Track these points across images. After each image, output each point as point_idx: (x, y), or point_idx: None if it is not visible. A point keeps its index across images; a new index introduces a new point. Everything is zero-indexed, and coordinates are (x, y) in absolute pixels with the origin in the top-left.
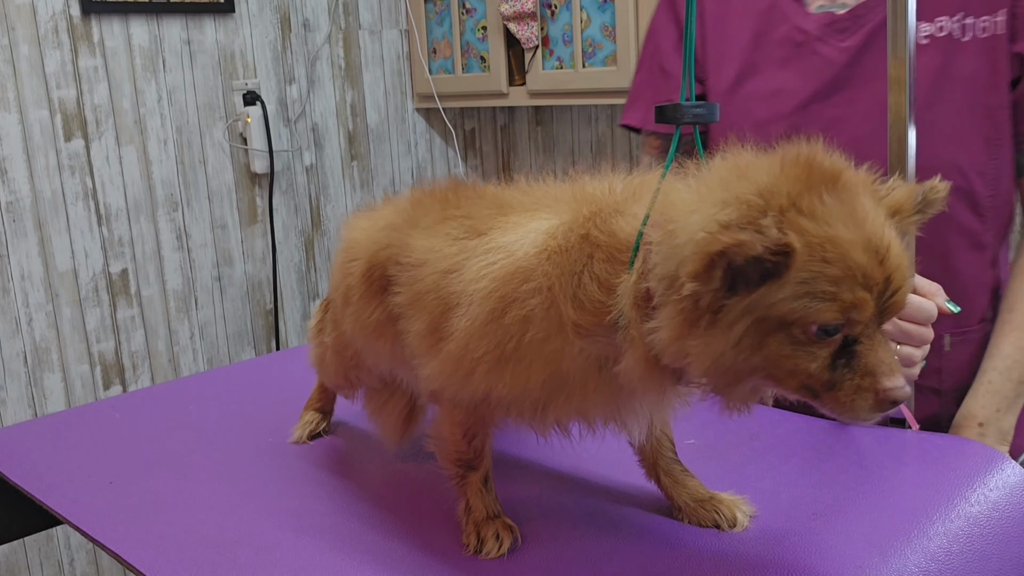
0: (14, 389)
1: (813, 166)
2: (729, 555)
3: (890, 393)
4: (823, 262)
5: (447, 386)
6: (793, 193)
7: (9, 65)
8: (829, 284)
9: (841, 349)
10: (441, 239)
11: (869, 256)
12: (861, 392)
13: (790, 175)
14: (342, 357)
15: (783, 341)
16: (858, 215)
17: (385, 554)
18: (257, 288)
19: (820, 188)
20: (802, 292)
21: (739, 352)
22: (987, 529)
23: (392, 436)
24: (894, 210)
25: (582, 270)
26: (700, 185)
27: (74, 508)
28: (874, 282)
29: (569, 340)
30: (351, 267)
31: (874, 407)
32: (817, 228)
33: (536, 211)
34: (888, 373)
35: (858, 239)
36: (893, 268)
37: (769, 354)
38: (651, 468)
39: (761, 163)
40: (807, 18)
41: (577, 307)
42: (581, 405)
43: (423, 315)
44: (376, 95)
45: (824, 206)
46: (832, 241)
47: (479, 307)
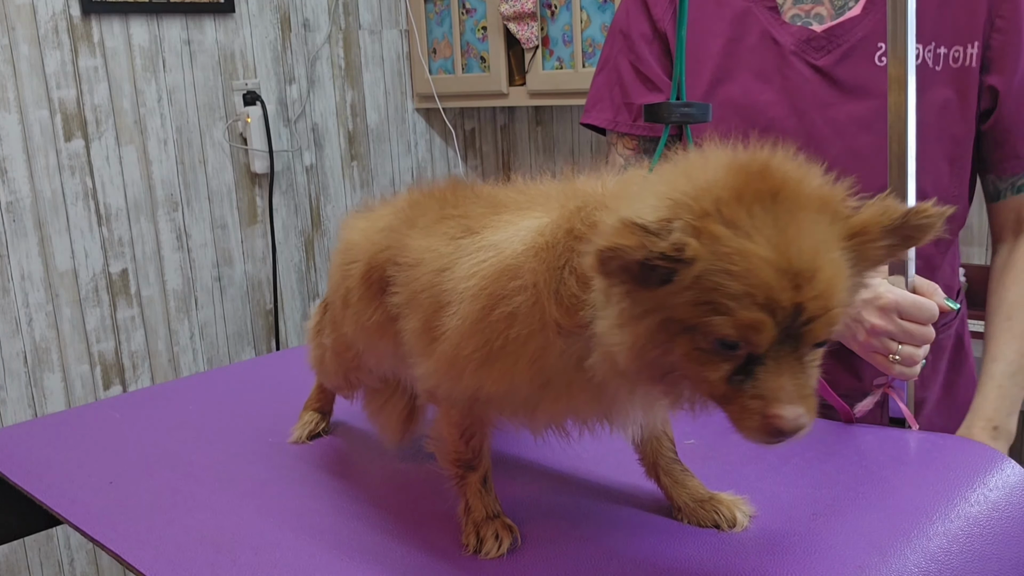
0: (14, 389)
1: (759, 175)
2: (729, 555)
3: (776, 421)
4: (727, 274)
5: (441, 385)
6: (722, 199)
7: (9, 65)
8: (728, 298)
9: (743, 365)
10: (437, 238)
11: (781, 278)
12: (748, 413)
13: (728, 180)
14: (342, 358)
15: (688, 344)
16: (788, 233)
17: (385, 554)
18: (257, 288)
19: (754, 198)
20: (701, 300)
21: (654, 347)
22: (987, 529)
23: (392, 436)
24: (854, 232)
25: (564, 265)
26: (653, 179)
27: (74, 508)
28: (778, 306)
29: (552, 338)
30: (350, 269)
31: (760, 431)
32: (731, 238)
33: (529, 209)
34: (781, 401)
35: (773, 257)
36: (810, 296)
37: (680, 355)
38: (651, 467)
39: (712, 163)
40: (782, 28)
41: (559, 304)
42: (569, 404)
43: (418, 314)
44: (376, 95)
45: (751, 218)
46: (742, 255)
47: (469, 305)
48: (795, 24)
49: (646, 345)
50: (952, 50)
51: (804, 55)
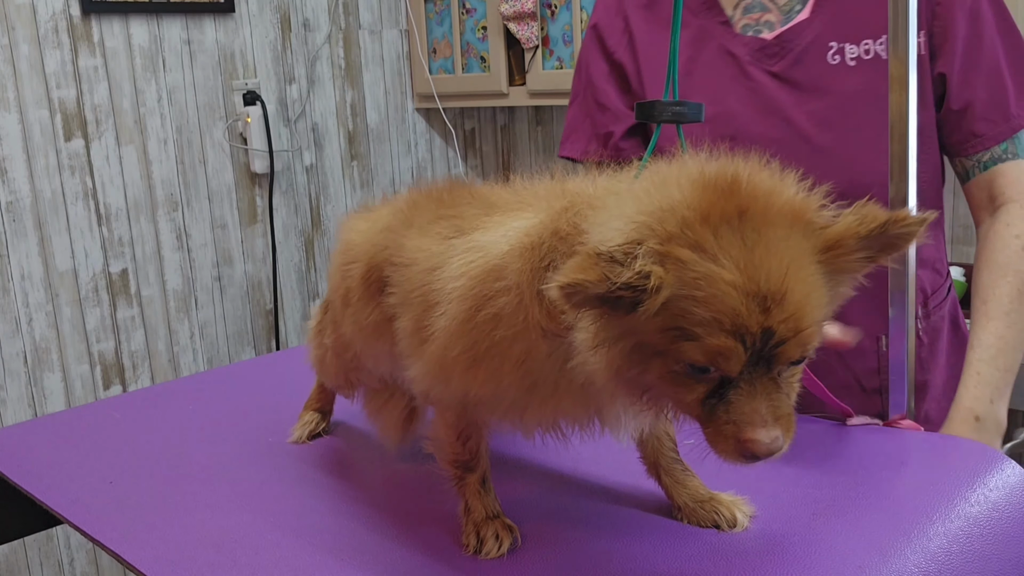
0: (14, 389)
1: (727, 191)
2: (729, 555)
3: (749, 445)
4: (692, 300)
5: (432, 387)
6: (688, 219)
7: (9, 65)
8: (695, 325)
9: (716, 388)
10: (431, 238)
11: (749, 303)
12: (722, 437)
13: (694, 199)
14: (342, 359)
15: (662, 367)
16: (756, 254)
17: (385, 554)
18: (257, 288)
19: (720, 218)
20: (670, 325)
21: (630, 368)
22: (987, 529)
23: (391, 437)
24: (830, 245)
25: (547, 266)
26: (626, 195)
27: (74, 508)
28: (747, 331)
29: (537, 340)
30: (350, 269)
31: (735, 453)
32: (697, 262)
33: (519, 210)
34: (756, 425)
35: (740, 281)
36: (779, 319)
37: (655, 376)
38: (652, 467)
39: (682, 178)
40: (735, 40)
41: (541, 305)
42: (557, 407)
43: (410, 314)
44: (376, 95)
45: (717, 240)
46: (708, 279)
47: (456, 306)
48: (746, 34)
49: (622, 366)
50: None
51: (759, 63)
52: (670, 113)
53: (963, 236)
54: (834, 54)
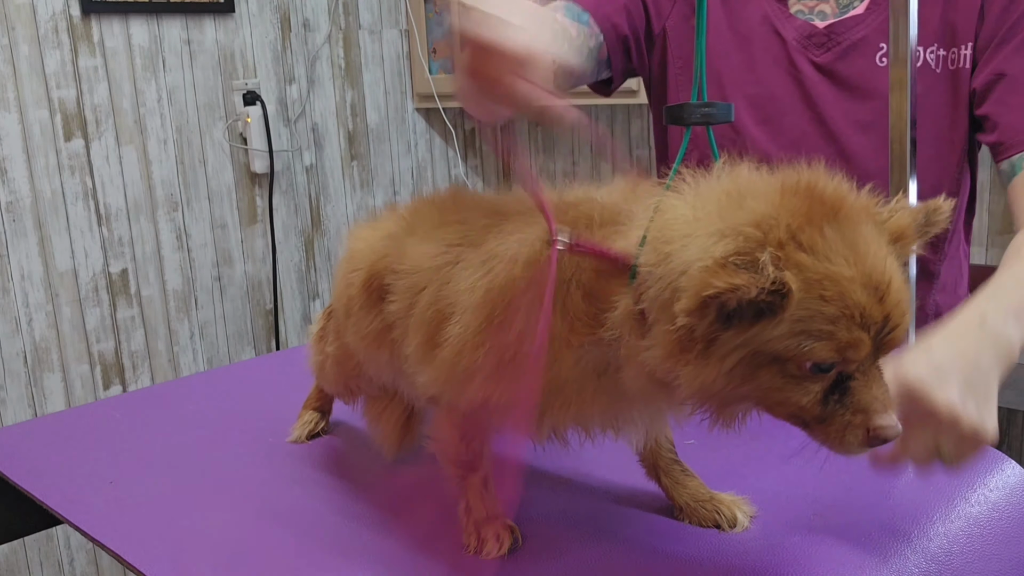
0: (14, 389)
1: (814, 195)
2: (730, 555)
3: (881, 431)
4: (821, 300)
5: (444, 392)
6: (793, 226)
7: (9, 65)
8: (826, 323)
9: (834, 384)
10: (436, 245)
11: (868, 294)
12: (852, 428)
13: (790, 205)
14: (343, 367)
15: (775, 374)
16: (859, 249)
17: (385, 554)
18: (257, 288)
19: (821, 220)
20: (798, 330)
21: (729, 381)
22: (987, 530)
23: (390, 443)
24: (896, 236)
25: (569, 279)
26: (697, 206)
27: (74, 508)
28: (872, 321)
29: (562, 350)
30: (353, 277)
31: (864, 443)
32: (816, 264)
33: (531, 218)
34: (880, 411)
35: (858, 276)
36: (892, 305)
37: (760, 385)
38: (651, 468)
39: (760, 188)
40: (787, 22)
41: (565, 318)
42: (579, 412)
43: (419, 323)
44: (376, 95)
45: (824, 240)
46: (831, 279)
47: (473, 316)
48: (799, 18)
49: (723, 379)
50: (950, 52)
51: (805, 51)
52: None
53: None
54: (883, 56)
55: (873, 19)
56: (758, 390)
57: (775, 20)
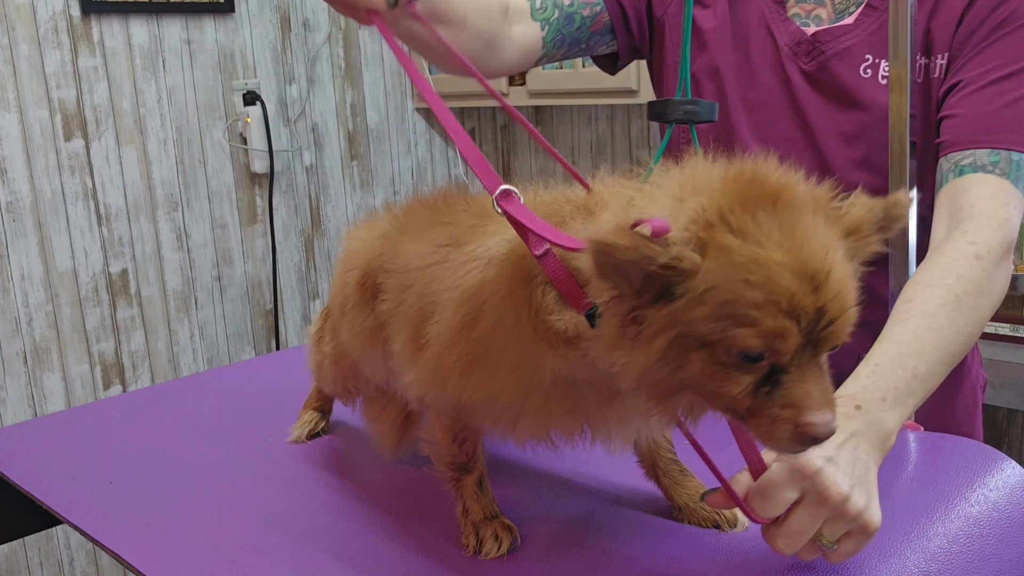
0: (14, 389)
1: (755, 182)
2: (729, 555)
3: (811, 428)
4: (745, 284)
5: (427, 392)
6: (725, 208)
7: (9, 65)
8: (750, 308)
9: (767, 376)
10: (425, 245)
11: (800, 282)
12: (780, 423)
13: (728, 189)
14: (340, 367)
15: (706, 360)
16: (796, 236)
17: (385, 554)
18: (257, 288)
19: (756, 205)
20: (722, 313)
21: (664, 366)
22: (987, 529)
23: (388, 443)
24: (851, 230)
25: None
26: (654, 197)
27: (74, 508)
28: (802, 311)
29: (532, 349)
30: (348, 276)
31: (793, 440)
32: (743, 247)
33: None
34: (812, 407)
35: (789, 262)
36: (829, 297)
37: (693, 372)
38: (650, 469)
39: (707, 177)
40: (781, 25)
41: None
42: (548, 417)
43: (405, 321)
44: (376, 95)
45: (757, 224)
46: (757, 262)
47: (451, 314)
48: (794, 23)
49: (654, 365)
50: (931, 60)
51: (795, 58)
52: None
53: None
54: (867, 67)
55: (861, 30)
56: (693, 378)
57: (771, 23)
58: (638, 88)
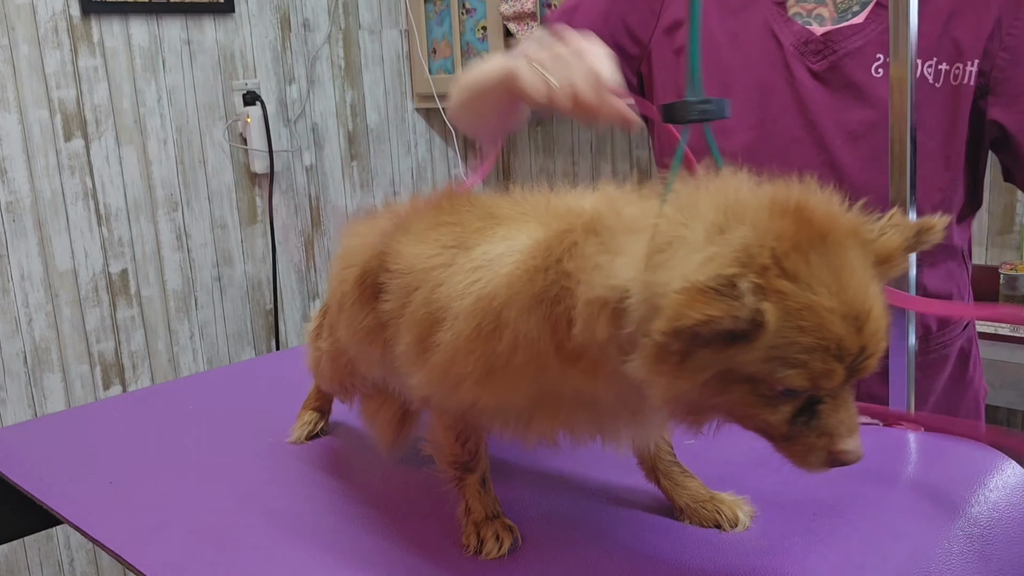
0: (14, 389)
1: (803, 217)
2: (730, 555)
3: (842, 456)
4: (799, 330)
5: (434, 394)
6: (778, 251)
7: (9, 65)
8: (802, 352)
9: (803, 406)
10: (430, 246)
11: (847, 325)
12: (815, 450)
13: (778, 227)
14: (337, 364)
15: (747, 392)
16: (843, 277)
17: (385, 554)
18: (257, 288)
19: (807, 246)
20: (773, 356)
21: (702, 393)
22: (987, 530)
23: (385, 441)
24: (884, 258)
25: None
26: (685, 220)
27: (74, 508)
28: (848, 352)
29: (549, 361)
30: (346, 273)
31: (824, 464)
32: (797, 293)
33: (524, 222)
34: (844, 435)
35: (838, 307)
36: (869, 335)
37: (731, 400)
38: (650, 471)
39: (750, 206)
40: (784, 25)
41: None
42: (564, 421)
43: (411, 324)
44: (376, 95)
45: (808, 267)
46: (811, 309)
47: (464, 323)
48: (797, 22)
49: (692, 391)
50: (953, 67)
51: (802, 58)
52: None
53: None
54: (879, 67)
55: (872, 29)
56: (729, 403)
57: (774, 24)
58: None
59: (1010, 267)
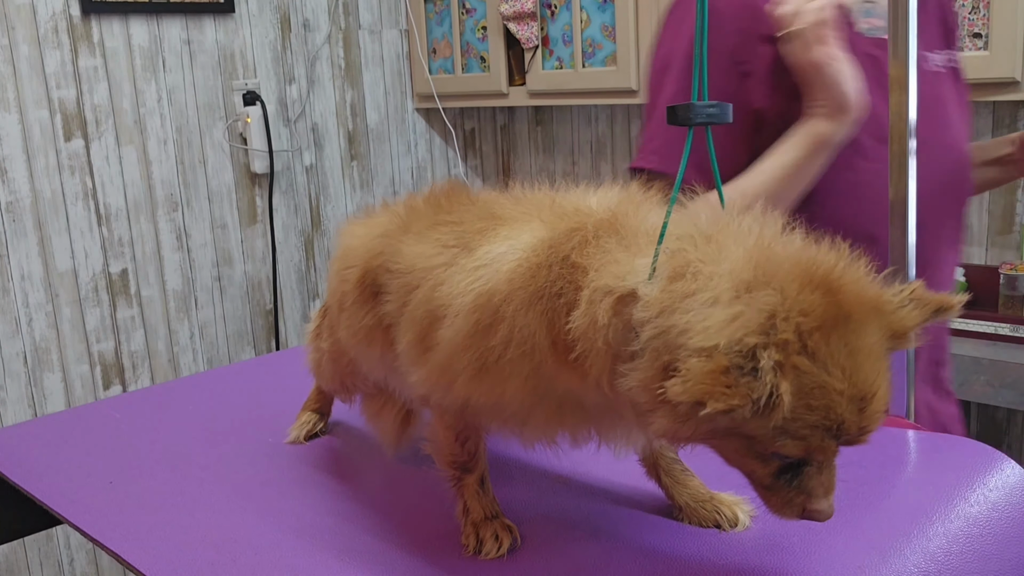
0: (14, 389)
1: (831, 294)
2: (730, 555)
3: (815, 514)
4: (807, 408)
5: (433, 393)
6: (803, 327)
7: (9, 65)
8: (804, 428)
9: (790, 465)
10: (430, 245)
11: (852, 407)
12: (792, 504)
13: (807, 302)
14: (338, 364)
15: (743, 445)
16: (858, 359)
17: (384, 554)
18: (257, 288)
19: (831, 326)
20: (776, 427)
21: (699, 437)
22: (987, 529)
23: (389, 440)
24: (898, 333)
25: (558, 294)
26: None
27: (74, 508)
28: (846, 432)
29: (545, 361)
30: (347, 274)
31: (797, 516)
32: (813, 372)
33: (525, 223)
34: (821, 496)
35: (848, 389)
36: (870, 416)
37: (726, 446)
38: (651, 468)
39: (782, 267)
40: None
41: (551, 334)
42: (560, 422)
43: (411, 322)
44: (376, 95)
45: (828, 347)
46: (823, 389)
47: (463, 320)
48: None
49: (692, 436)
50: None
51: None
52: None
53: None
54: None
55: None
56: (722, 448)
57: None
58: (638, 88)
59: (1010, 267)
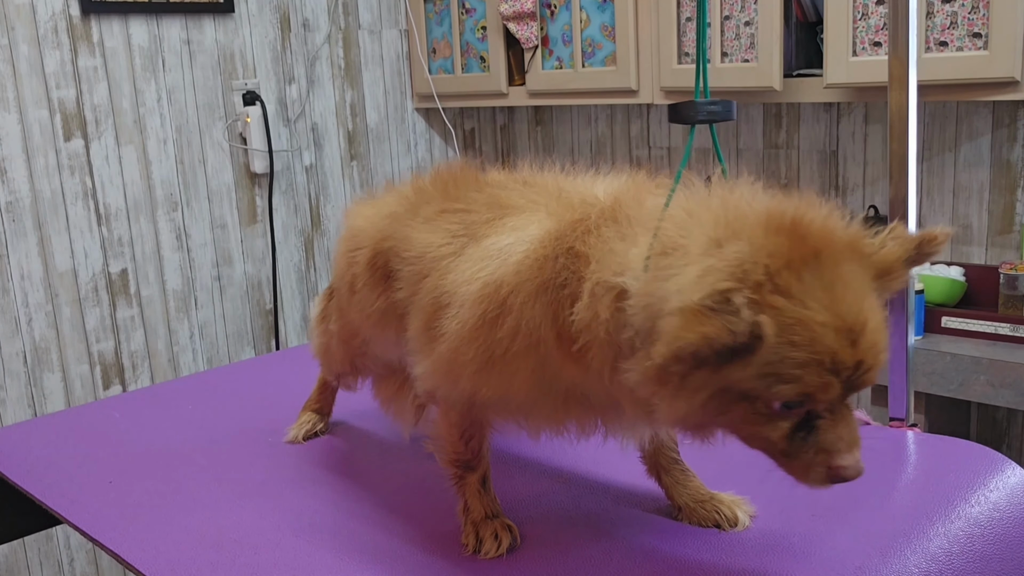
0: (14, 389)
1: (797, 234)
2: (729, 555)
3: (841, 471)
4: (791, 345)
5: (439, 386)
6: (771, 267)
7: (9, 65)
8: (795, 367)
9: (802, 422)
10: (440, 234)
11: (841, 339)
12: (814, 466)
13: (772, 244)
14: (349, 345)
15: (746, 410)
16: (836, 292)
17: (384, 553)
18: (257, 288)
19: (800, 262)
20: (767, 372)
21: (704, 413)
22: (987, 530)
23: (406, 421)
24: (883, 270)
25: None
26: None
27: (74, 508)
28: (843, 365)
29: (551, 353)
30: (356, 256)
31: (825, 480)
32: (790, 308)
33: (532, 213)
34: (843, 451)
35: (831, 321)
36: (866, 349)
37: (732, 418)
38: (652, 467)
39: (747, 220)
40: None
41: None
42: (566, 413)
43: (419, 310)
44: (376, 95)
45: (801, 283)
46: (803, 323)
47: (469, 310)
48: None
49: (694, 412)
50: None
51: None
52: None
53: (963, 236)
54: None
55: None
56: (730, 421)
57: None
58: (637, 88)
59: (1010, 267)
